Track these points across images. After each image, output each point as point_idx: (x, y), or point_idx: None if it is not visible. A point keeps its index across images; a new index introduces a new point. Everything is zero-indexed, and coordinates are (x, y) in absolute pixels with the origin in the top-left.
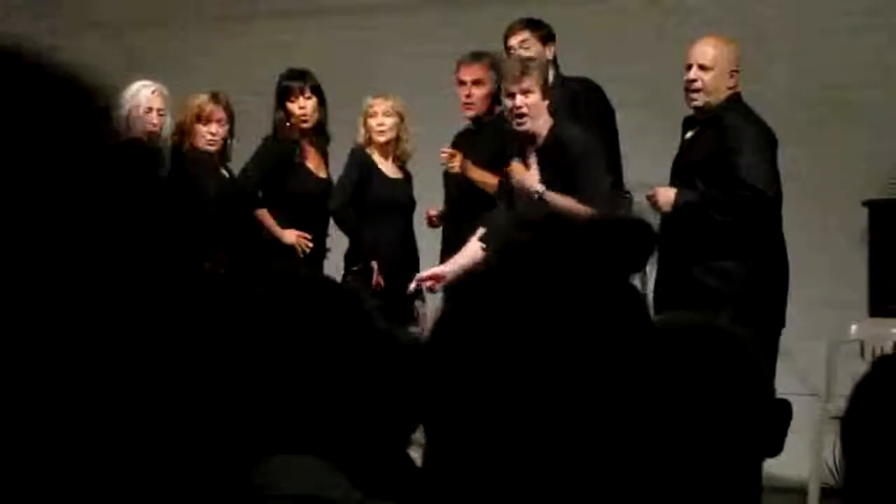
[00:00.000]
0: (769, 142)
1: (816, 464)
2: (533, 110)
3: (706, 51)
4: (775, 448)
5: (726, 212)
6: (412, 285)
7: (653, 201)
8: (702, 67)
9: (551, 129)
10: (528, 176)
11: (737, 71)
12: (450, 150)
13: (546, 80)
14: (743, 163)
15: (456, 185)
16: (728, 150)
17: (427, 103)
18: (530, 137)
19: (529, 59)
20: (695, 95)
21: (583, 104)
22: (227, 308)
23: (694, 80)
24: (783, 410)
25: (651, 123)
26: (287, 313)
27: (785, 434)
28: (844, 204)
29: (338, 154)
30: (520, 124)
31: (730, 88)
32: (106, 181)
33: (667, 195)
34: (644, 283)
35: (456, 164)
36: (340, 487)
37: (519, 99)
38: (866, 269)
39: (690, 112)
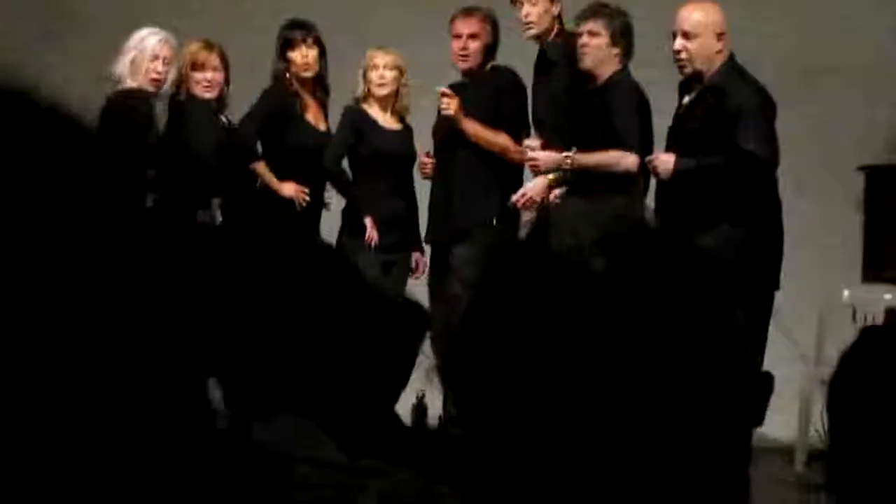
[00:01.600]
0: (769, 107)
1: (804, 427)
2: (595, 52)
3: (688, 17)
4: (757, 419)
5: (725, 178)
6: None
7: (652, 167)
8: (685, 35)
9: (611, 75)
10: (550, 153)
11: (724, 33)
12: (449, 91)
13: (617, 28)
14: (742, 130)
15: (442, 139)
16: (728, 118)
17: (422, 56)
18: (590, 77)
19: (608, 6)
20: (681, 64)
21: None
22: (214, 266)
23: (679, 50)
24: (765, 384)
25: (657, 80)
26: (273, 274)
27: (766, 406)
28: (841, 169)
29: (333, 106)
30: (581, 62)
31: (719, 52)
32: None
33: (666, 162)
34: None
35: (452, 106)
36: (327, 447)
37: (584, 38)
38: (861, 235)
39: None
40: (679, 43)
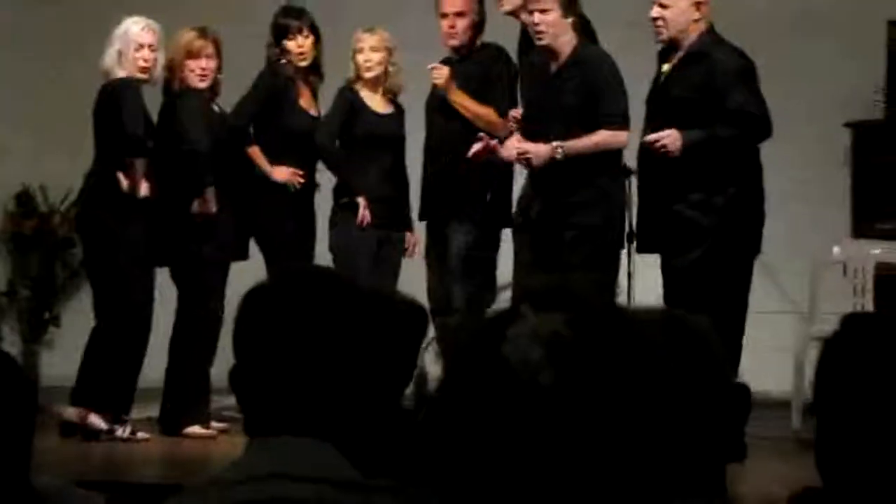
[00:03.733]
0: (753, 70)
1: (799, 380)
2: (552, 27)
3: None
4: (739, 451)
5: (733, 146)
6: (477, 146)
7: (659, 146)
8: (661, 5)
9: (574, 49)
10: (539, 146)
11: (702, 2)
12: (439, 65)
13: None
14: (736, 93)
15: (437, 116)
16: (716, 83)
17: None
18: (553, 54)
19: None
20: (658, 31)
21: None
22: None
23: (656, 18)
24: (742, 397)
25: (638, 43)
26: (284, 302)
27: (745, 423)
28: (828, 125)
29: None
30: (539, 40)
31: (696, 21)
32: None
33: (675, 139)
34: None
35: (443, 75)
36: (344, 469)
37: (537, 16)
38: (850, 191)
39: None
40: (656, 10)
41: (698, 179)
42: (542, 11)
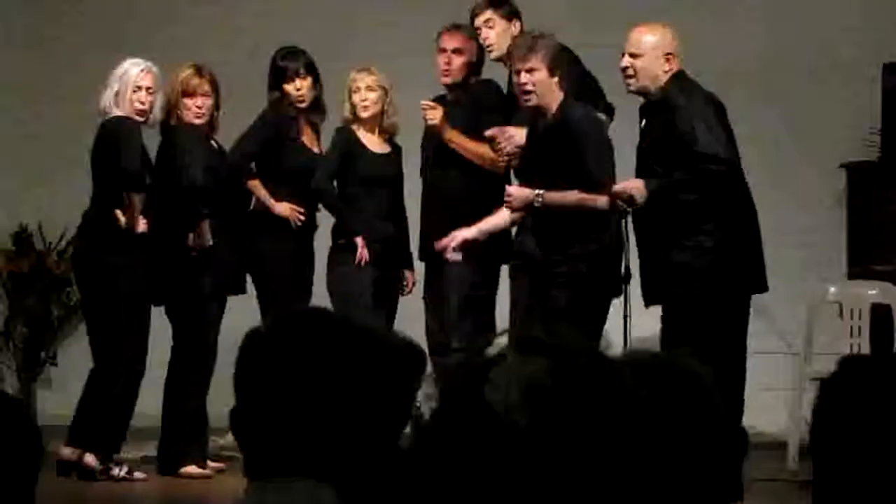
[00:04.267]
0: (715, 109)
1: (795, 421)
2: (539, 87)
3: (635, 38)
4: (736, 493)
5: (692, 189)
6: (439, 246)
7: (625, 197)
8: (632, 55)
9: (560, 107)
10: (522, 189)
11: (671, 54)
12: (431, 103)
13: (554, 57)
14: (697, 137)
15: (431, 154)
16: (680, 130)
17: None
18: (541, 112)
19: (538, 36)
20: (627, 81)
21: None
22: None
23: (626, 68)
24: (739, 440)
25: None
26: (284, 344)
27: (741, 462)
28: (823, 166)
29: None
30: (526, 101)
31: (666, 72)
32: None
33: (639, 190)
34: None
35: (437, 116)
36: None
37: (524, 76)
38: (845, 232)
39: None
40: (626, 60)
41: (690, 224)
42: (529, 71)
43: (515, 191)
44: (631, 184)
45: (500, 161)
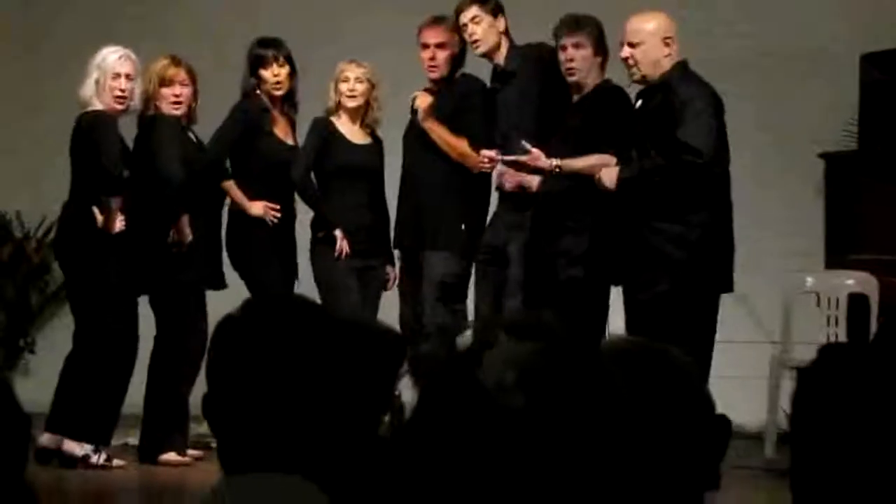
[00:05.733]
0: (713, 105)
1: (773, 410)
2: (583, 63)
3: (633, 28)
4: (713, 481)
5: (667, 176)
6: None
7: (597, 181)
8: (630, 45)
9: (598, 85)
10: (539, 158)
11: (670, 38)
12: (422, 92)
13: (599, 37)
14: (685, 126)
15: (414, 147)
16: (672, 115)
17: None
18: (577, 87)
19: (585, 16)
20: (630, 71)
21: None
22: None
23: (627, 58)
24: (722, 427)
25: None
26: (257, 331)
27: (724, 449)
28: (801, 156)
29: (301, 120)
30: (570, 75)
31: (667, 56)
32: None
33: (610, 175)
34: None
35: (424, 102)
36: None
37: (570, 51)
38: (823, 221)
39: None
40: (626, 50)
41: (667, 211)
42: (576, 46)
43: (532, 156)
44: (605, 172)
45: (476, 168)
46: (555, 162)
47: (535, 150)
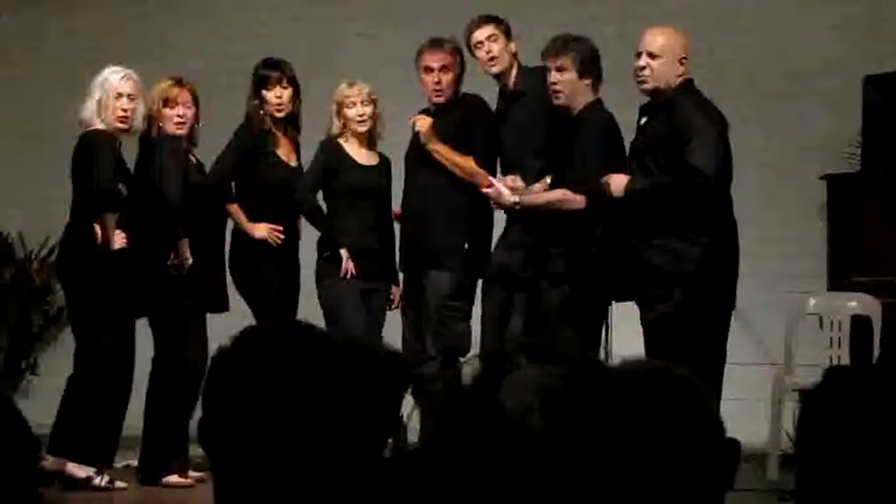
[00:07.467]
0: (719, 126)
1: (776, 432)
2: (567, 87)
3: (656, 39)
4: (727, 483)
5: (674, 196)
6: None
7: (605, 188)
8: (650, 55)
9: (585, 107)
10: (502, 194)
11: (685, 58)
12: (421, 115)
13: (585, 60)
14: (693, 148)
15: (416, 168)
16: (679, 135)
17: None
18: (565, 110)
19: (573, 38)
20: (643, 81)
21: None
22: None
23: (643, 67)
24: (732, 451)
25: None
26: (257, 359)
27: (734, 472)
28: (804, 178)
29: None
30: (555, 98)
31: (679, 76)
32: None
33: (618, 182)
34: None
35: (425, 124)
36: None
37: (554, 75)
38: (826, 243)
39: (647, 99)
40: (644, 59)
41: (670, 228)
42: (559, 70)
43: (494, 192)
44: (614, 176)
45: (485, 185)
46: (514, 199)
47: (495, 187)
